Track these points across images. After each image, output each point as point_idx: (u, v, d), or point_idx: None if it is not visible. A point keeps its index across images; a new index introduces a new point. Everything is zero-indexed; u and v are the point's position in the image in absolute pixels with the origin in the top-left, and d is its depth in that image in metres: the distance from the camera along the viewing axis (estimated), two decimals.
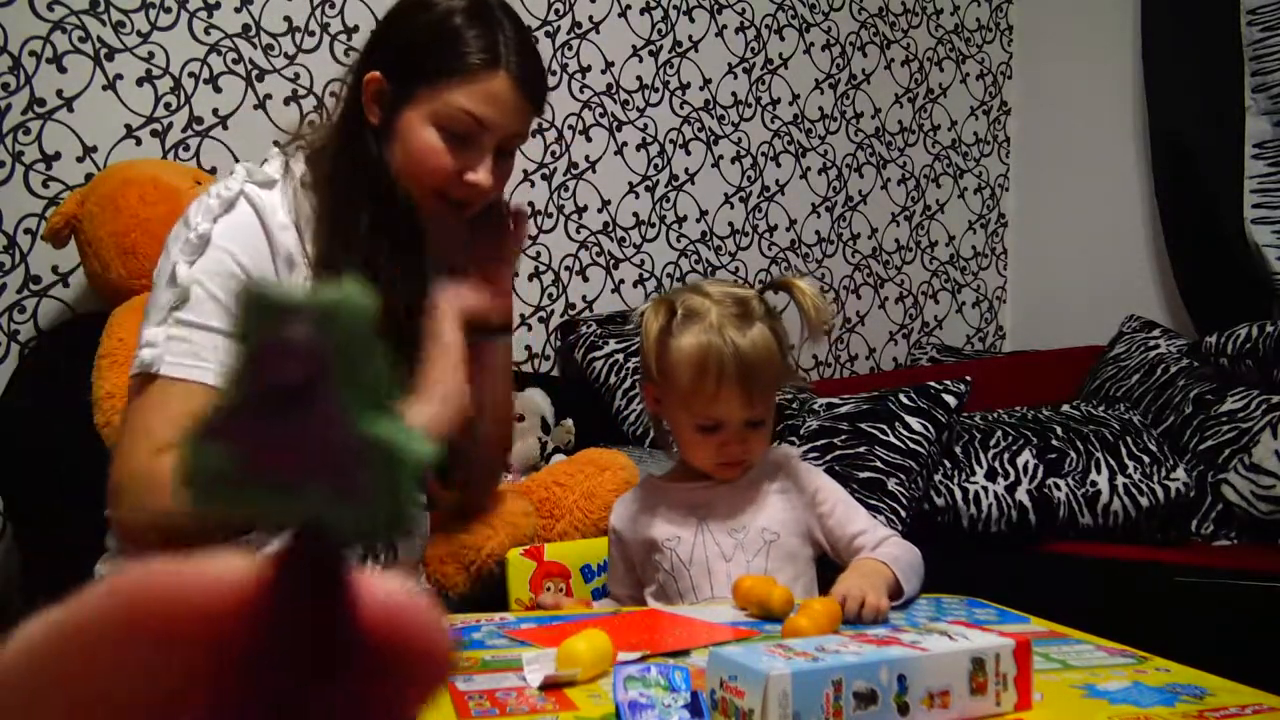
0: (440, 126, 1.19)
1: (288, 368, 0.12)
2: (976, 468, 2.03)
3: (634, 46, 2.51)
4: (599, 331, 2.29)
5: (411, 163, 1.21)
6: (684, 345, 1.23)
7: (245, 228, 1.18)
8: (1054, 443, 2.07)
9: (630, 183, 2.52)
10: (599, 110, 2.47)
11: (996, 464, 2.03)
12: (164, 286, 1.16)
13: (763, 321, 1.26)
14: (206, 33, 1.98)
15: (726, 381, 1.21)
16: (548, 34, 2.39)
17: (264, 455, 0.12)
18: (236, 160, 2.01)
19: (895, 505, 1.89)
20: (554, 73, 2.40)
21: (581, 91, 2.44)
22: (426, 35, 1.20)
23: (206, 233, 1.16)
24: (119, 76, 1.89)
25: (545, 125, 2.39)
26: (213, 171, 1.97)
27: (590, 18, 2.45)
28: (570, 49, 2.42)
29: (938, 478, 2.01)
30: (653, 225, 2.56)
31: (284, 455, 0.12)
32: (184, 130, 1.96)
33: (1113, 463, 2.04)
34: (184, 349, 1.12)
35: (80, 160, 1.86)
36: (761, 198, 2.72)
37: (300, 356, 0.12)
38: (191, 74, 1.97)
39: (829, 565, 1.32)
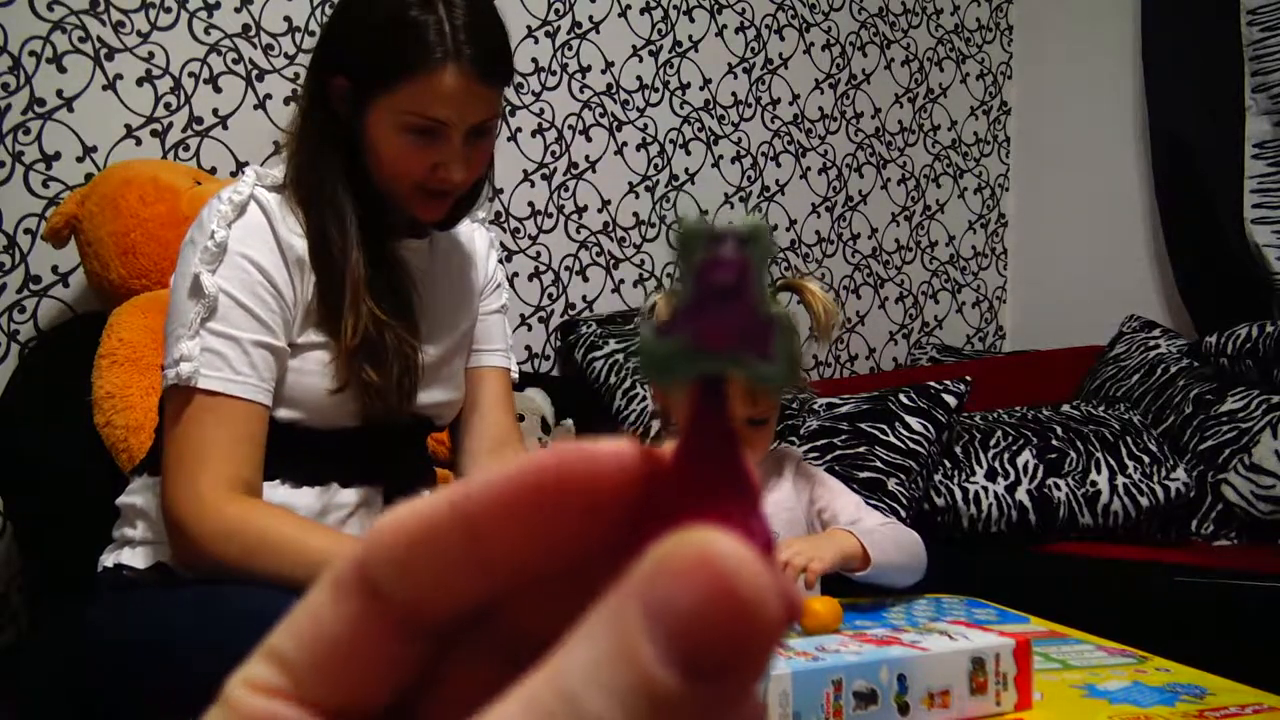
0: (404, 128, 1.18)
1: (726, 273, 0.18)
2: (976, 468, 2.03)
3: (634, 46, 2.51)
4: (599, 331, 2.29)
5: (384, 166, 1.21)
6: None
7: (257, 229, 1.18)
8: (1054, 443, 2.07)
9: (630, 183, 2.52)
10: (599, 110, 2.46)
11: (996, 464, 2.03)
12: (187, 297, 1.15)
13: None
14: (206, 33, 1.98)
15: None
16: (548, 34, 2.39)
17: (711, 336, 0.18)
18: (236, 160, 2.01)
19: (895, 505, 1.89)
20: (554, 73, 2.40)
21: (581, 91, 2.44)
22: (374, 38, 1.18)
23: (224, 240, 1.16)
24: (119, 76, 1.89)
25: (545, 125, 2.39)
26: (213, 171, 1.97)
27: (590, 18, 2.44)
28: (570, 49, 2.42)
29: (938, 478, 2.01)
30: (653, 225, 2.56)
31: (725, 334, 0.18)
32: (184, 130, 1.96)
33: (1113, 463, 2.04)
34: (219, 363, 1.13)
35: (80, 160, 1.86)
36: (761, 198, 2.72)
37: (734, 265, 0.18)
38: (191, 74, 1.97)
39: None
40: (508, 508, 0.18)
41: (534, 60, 2.36)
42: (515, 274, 2.36)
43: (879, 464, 1.93)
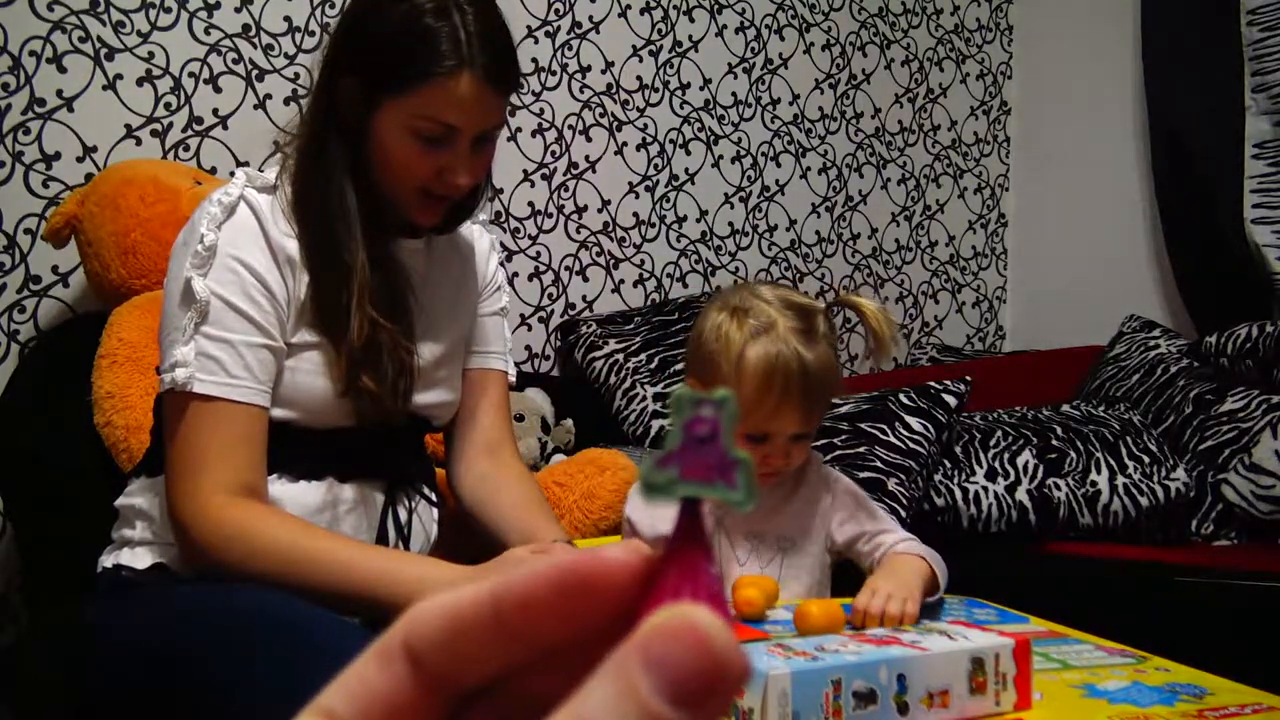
0: (413, 132, 1.18)
1: (704, 427, 0.24)
2: (976, 468, 2.03)
3: (634, 46, 2.51)
4: (599, 331, 2.29)
5: (390, 168, 1.20)
6: (751, 356, 1.20)
7: (247, 231, 1.18)
8: (1054, 443, 2.07)
9: (630, 183, 2.52)
10: (599, 110, 2.46)
11: (996, 464, 2.03)
12: (179, 302, 1.15)
13: (825, 339, 1.24)
14: (206, 33, 1.98)
15: (790, 396, 1.19)
16: (548, 34, 2.39)
17: (693, 470, 0.24)
18: (236, 160, 2.01)
19: (895, 505, 1.89)
20: (554, 73, 2.40)
21: (581, 91, 2.44)
22: (389, 42, 1.17)
23: (213, 242, 1.16)
24: (119, 76, 1.89)
25: (545, 125, 2.39)
26: (213, 171, 1.97)
27: (590, 18, 2.44)
28: (570, 49, 2.42)
29: (938, 478, 2.01)
30: (653, 225, 2.56)
31: (703, 469, 0.24)
32: (184, 130, 1.96)
33: (1113, 463, 2.04)
34: (214, 367, 1.13)
35: (80, 160, 1.86)
36: (761, 198, 2.72)
37: (711, 421, 0.24)
38: (191, 74, 1.97)
39: (852, 576, 1.32)
40: (536, 601, 0.22)
41: (534, 60, 2.36)
42: (515, 274, 2.36)
43: (879, 464, 1.92)
